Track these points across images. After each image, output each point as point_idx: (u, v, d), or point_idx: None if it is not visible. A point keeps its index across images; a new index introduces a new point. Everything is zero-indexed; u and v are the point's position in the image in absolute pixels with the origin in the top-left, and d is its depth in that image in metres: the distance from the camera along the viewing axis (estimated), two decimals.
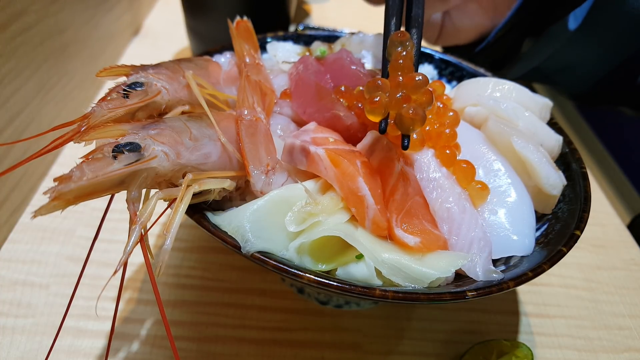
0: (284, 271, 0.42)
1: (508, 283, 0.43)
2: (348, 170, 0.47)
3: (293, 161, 0.51)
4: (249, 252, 0.43)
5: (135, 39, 1.17)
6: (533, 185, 0.55)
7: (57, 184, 0.37)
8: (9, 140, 0.67)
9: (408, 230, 0.47)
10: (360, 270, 0.44)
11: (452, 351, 0.61)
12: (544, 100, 0.64)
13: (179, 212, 0.41)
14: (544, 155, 0.55)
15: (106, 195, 0.41)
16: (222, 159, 0.48)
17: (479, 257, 0.47)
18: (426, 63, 0.80)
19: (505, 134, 0.56)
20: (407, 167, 0.50)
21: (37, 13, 0.72)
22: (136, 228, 0.39)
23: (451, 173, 0.52)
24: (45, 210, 0.36)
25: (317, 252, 0.46)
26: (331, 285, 0.41)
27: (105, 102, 0.46)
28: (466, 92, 0.65)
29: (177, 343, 0.58)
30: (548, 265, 0.45)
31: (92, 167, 0.38)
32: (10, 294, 0.60)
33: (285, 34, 0.79)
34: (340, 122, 0.55)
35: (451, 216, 0.49)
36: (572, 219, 0.52)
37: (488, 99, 0.62)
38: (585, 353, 0.63)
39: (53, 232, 0.68)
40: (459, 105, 0.64)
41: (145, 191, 0.44)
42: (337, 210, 0.47)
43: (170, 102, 0.52)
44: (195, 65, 0.58)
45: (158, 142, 0.43)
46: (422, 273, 0.44)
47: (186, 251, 0.69)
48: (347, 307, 0.63)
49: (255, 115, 0.53)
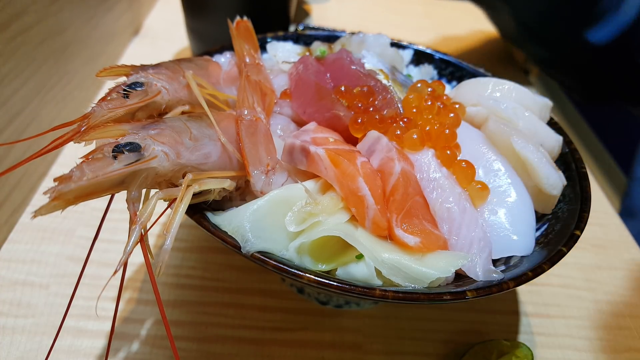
0: (284, 271, 0.42)
1: (508, 283, 0.43)
2: (348, 170, 0.47)
3: (293, 161, 0.51)
4: (249, 252, 0.43)
5: (135, 39, 1.17)
6: (533, 186, 0.55)
7: (57, 184, 0.37)
8: (9, 140, 0.67)
9: (408, 230, 0.47)
10: (360, 270, 0.44)
11: (452, 351, 0.61)
12: (544, 100, 0.64)
13: (179, 212, 0.41)
14: (544, 155, 0.55)
15: (106, 195, 0.41)
16: (222, 159, 0.48)
17: (479, 257, 0.47)
18: (426, 63, 0.80)
19: (505, 134, 0.56)
20: (408, 167, 0.50)
21: (37, 13, 0.72)
22: (136, 228, 0.39)
23: (451, 173, 0.52)
24: (45, 210, 0.36)
25: (317, 252, 0.46)
26: (331, 285, 0.41)
27: (105, 102, 0.46)
28: (466, 92, 0.65)
29: (177, 343, 0.58)
30: (548, 265, 0.45)
31: (92, 167, 0.38)
32: (10, 294, 0.60)
33: (285, 34, 0.79)
34: (340, 122, 0.55)
35: (451, 216, 0.49)
36: (572, 219, 0.52)
37: (488, 99, 0.62)
38: (585, 353, 0.63)
39: (53, 232, 0.68)
40: None
41: (145, 191, 0.44)
42: (337, 210, 0.47)
43: (170, 102, 0.52)
44: (195, 65, 0.58)
45: (158, 142, 0.43)
46: (422, 273, 0.44)
47: (186, 251, 0.69)
48: (347, 307, 0.63)
49: (255, 115, 0.53)
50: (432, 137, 0.54)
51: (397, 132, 0.53)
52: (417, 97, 0.59)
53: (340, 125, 0.55)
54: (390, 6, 1.55)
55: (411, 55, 0.80)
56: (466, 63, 0.77)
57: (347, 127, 0.55)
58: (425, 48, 0.80)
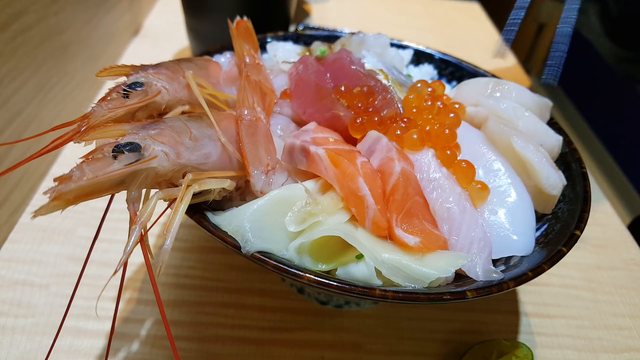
0: (284, 271, 0.42)
1: (508, 283, 0.43)
2: (348, 170, 0.47)
3: (293, 161, 0.51)
4: (249, 252, 0.43)
5: (135, 39, 1.17)
6: (533, 185, 0.55)
7: (57, 184, 0.37)
8: (9, 140, 0.67)
9: (408, 230, 0.47)
10: (361, 270, 0.44)
11: (452, 351, 0.61)
12: (544, 100, 0.64)
13: (179, 212, 0.41)
14: (543, 155, 0.55)
15: (106, 195, 0.41)
16: (222, 159, 0.48)
17: (479, 257, 0.47)
18: (426, 63, 0.80)
19: (505, 134, 0.56)
20: (408, 167, 0.50)
21: (37, 13, 0.72)
22: (136, 228, 0.39)
23: (451, 173, 0.52)
24: (45, 210, 0.36)
25: (317, 252, 0.46)
26: (331, 285, 0.41)
27: (105, 102, 0.46)
28: (466, 92, 0.66)
29: (177, 343, 0.58)
30: (548, 265, 0.45)
31: (92, 167, 0.38)
32: (10, 294, 0.60)
33: (285, 34, 0.79)
34: (340, 122, 0.55)
35: (451, 216, 0.49)
36: (572, 219, 0.52)
37: (488, 99, 0.62)
38: (585, 353, 0.63)
39: (53, 232, 0.68)
40: None
41: (145, 191, 0.44)
42: (337, 210, 0.47)
43: (170, 102, 0.52)
44: (195, 65, 0.58)
45: (158, 142, 0.43)
46: (422, 273, 0.44)
47: (186, 251, 0.69)
48: (347, 307, 0.63)
49: (255, 115, 0.53)
50: (432, 137, 0.54)
51: (397, 132, 0.53)
52: (417, 97, 0.59)
53: (340, 125, 0.55)
54: (390, 6, 1.55)
55: (411, 55, 0.80)
56: (466, 63, 0.77)
57: (347, 127, 0.55)
58: (425, 48, 0.80)
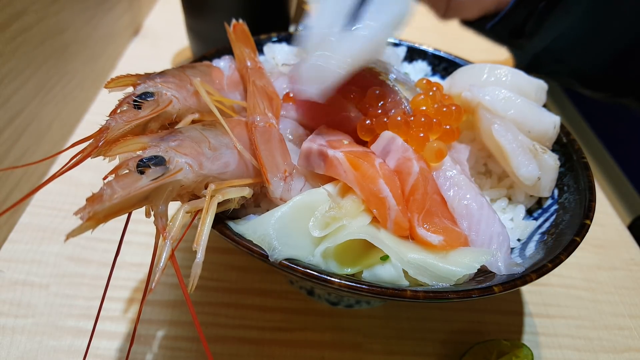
0: (313, 277, 0.41)
1: (531, 276, 0.44)
2: (368, 172, 0.47)
3: (310, 165, 0.50)
4: (277, 260, 0.42)
5: (135, 39, 1.17)
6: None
7: (89, 204, 0.36)
8: (9, 140, 0.67)
9: (430, 229, 0.47)
10: (388, 272, 0.44)
11: (452, 351, 0.61)
12: (539, 82, 0.64)
13: (207, 224, 0.40)
14: (520, 145, 0.55)
15: (133, 210, 0.40)
16: (240, 167, 0.48)
17: (500, 251, 0.47)
18: (419, 60, 0.80)
19: (488, 122, 0.57)
20: (425, 166, 0.50)
21: (37, 13, 0.72)
22: (167, 244, 0.38)
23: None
24: (78, 231, 0.35)
25: (341, 255, 0.46)
26: (363, 289, 0.41)
27: (118, 114, 0.45)
28: (461, 80, 0.66)
29: (177, 343, 0.58)
30: (565, 256, 0.46)
31: (121, 184, 0.38)
32: (10, 294, 0.60)
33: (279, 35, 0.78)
34: (350, 123, 0.55)
35: (470, 212, 0.49)
36: (580, 208, 0.53)
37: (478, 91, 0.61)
38: (585, 353, 0.63)
39: (53, 232, 0.68)
40: (454, 92, 0.64)
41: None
42: (359, 213, 0.47)
43: (181, 111, 0.51)
44: (200, 72, 0.57)
45: (180, 154, 0.42)
46: (448, 271, 0.44)
47: (186, 251, 0.68)
48: (357, 306, 0.63)
49: (268, 121, 0.52)
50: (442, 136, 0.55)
51: (410, 132, 0.53)
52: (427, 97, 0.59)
53: (350, 127, 0.55)
54: None
55: (404, 52, 0.80)
56: (459, 58, 0.77)
57: (355, 129, 0.54)
58: (419, 45, 0.80)
